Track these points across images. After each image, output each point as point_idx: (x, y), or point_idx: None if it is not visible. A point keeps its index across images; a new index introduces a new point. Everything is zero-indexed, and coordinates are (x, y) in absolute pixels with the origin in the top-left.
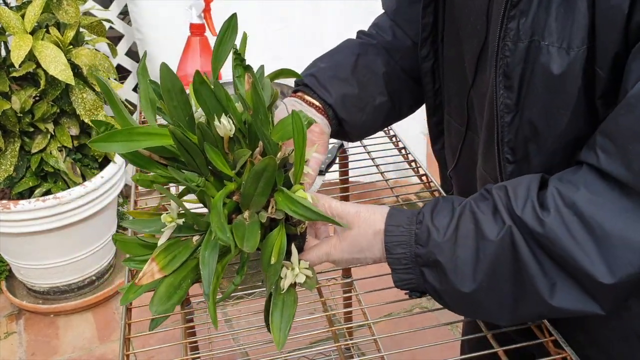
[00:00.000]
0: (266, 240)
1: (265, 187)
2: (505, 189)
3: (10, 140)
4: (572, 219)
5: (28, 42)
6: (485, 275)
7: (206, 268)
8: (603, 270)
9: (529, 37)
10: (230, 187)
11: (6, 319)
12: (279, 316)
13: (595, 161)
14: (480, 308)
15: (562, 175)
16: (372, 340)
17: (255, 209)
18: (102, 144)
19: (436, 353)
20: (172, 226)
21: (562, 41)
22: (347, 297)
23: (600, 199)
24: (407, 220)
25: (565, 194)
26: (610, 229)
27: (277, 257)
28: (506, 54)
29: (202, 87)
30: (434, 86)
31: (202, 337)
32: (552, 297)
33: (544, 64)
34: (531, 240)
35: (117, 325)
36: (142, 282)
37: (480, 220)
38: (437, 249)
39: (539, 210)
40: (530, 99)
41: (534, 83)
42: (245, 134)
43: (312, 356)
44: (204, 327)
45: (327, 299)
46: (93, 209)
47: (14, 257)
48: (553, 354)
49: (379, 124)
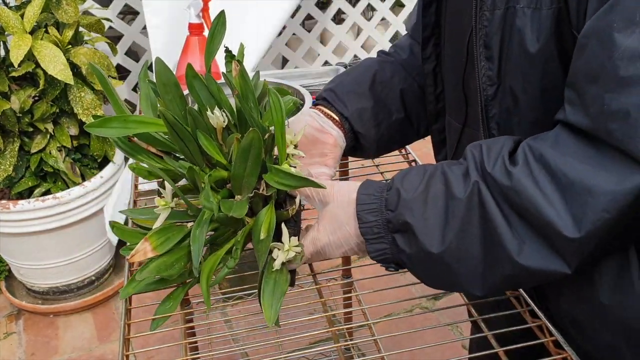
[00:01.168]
0: (257, 219)
1: (254, 166)
2: (480, 146)
3: (10, 140)
4: (539, 171)
5: (27, 41)
6: (454, 235)
7: (196, 243)
8: (569, 222)
9: (505, 4)
10: (221, 173)
11: (6, 319)
12: (270, 293)
13: (563, 115)
14: (452, 274)
15: (535, 135)
16: (372, 340)
17: (247, 193)
18: (97, 128)
19: (436, 353)
20: (166, 209)
21: (536, 2)
22: (347, 297)
23: (567, 150)
24: (379, 189)
25: (535, 148)
26: (573, 177)
27: (266, 232)
28: (484, 23)
29: (195, 81)
30: (435, 89)
31: (202, 338)
32: (520, 254)
33: (520, 28)
34: (499, 196)
35: (117, 325)
36: (134, 260)
37: (450, 179)
38: (405, 209)
39: (507, 164)
40: (509, 67)
41: (512, 50)
42: (237, 125)
43: (312, 356)
44: (203, 328)
45: (327, 299)
46: (92, 209)
47: (14, 257)
48: (553, 354)
49: (397, 141)
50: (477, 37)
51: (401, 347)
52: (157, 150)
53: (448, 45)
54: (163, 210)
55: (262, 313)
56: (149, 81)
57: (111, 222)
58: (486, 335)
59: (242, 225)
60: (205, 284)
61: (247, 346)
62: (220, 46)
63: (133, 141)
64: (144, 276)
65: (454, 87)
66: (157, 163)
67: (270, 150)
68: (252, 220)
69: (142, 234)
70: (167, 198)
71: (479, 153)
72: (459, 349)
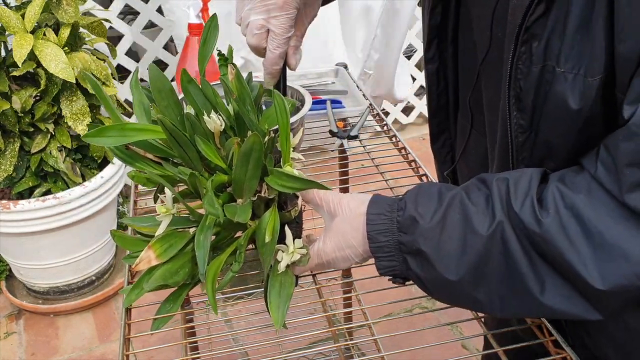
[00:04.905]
0: (260, 222)
1: (255, 170)
2: (507, 182)
3: (10, 140)
4: (570, 221)
5: (29, 41)
6: (468, 269)
7: (200, 249)
8: (595, 276)
9: (542, 62)
10: (222, 177)
11: (6, 319)
12: (276, 296)
13: (594, 171)
14: (468, 300)
15: (563, 174)
16: (372, 340)
17: (249, 196)
18: (95, 138)
19: (436, 353)
20: (168, 216)
21: (579, 68)
22: (347, 297)
23: (599, 204)
24: (389, 207)
25: (567, 195)
26: (609, 237)
27: (270, 236)
28: (519, 76)
29: (190, 86)
30: (438, 87)
31: (202, 338)
32: (543, 294)
33: (560, 91)
34: (524, 238)
35: (117, 325)
36: (138, 268)
37: (470, 212)
38: (420, 237)
39: (537, 209)
40: (545, 123)
41: (548, 109)
42: (235, 128)
43: (312, 356)
44: (204, 327)
45: (327, 299)
46: (93, 209)
47: (14, 257)
48: (553, 354)
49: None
50: (510, 87)
51: (401, 347)
52: (155, 156)
53: (463, 49)
54: (165, 217)
55: (262, 313)
56: (143, 88)
57: (112, 231)
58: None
59: (245, 228)
60: (210, 289)
61: (247, 346)
62: (213, 49)
63: (131, 149)
64: (151, 285)
65: (465, 94)
66: (156, 169)
67: (270, 152)
68: (254, 223)
69: (144, 242)
70: (168, 204)
71: (505, 189)
72: (459, 348)
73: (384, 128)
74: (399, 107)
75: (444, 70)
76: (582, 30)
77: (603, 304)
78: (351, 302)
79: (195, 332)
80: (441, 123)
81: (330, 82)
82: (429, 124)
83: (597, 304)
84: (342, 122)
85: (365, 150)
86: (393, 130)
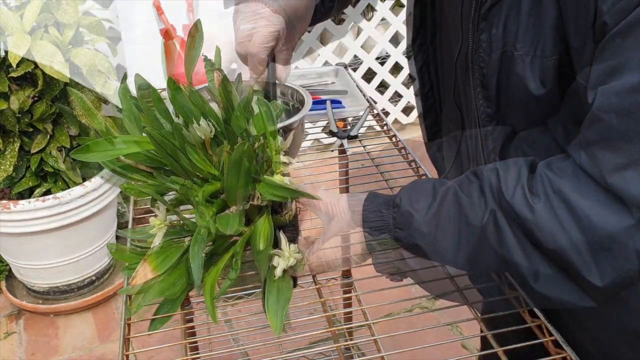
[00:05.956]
0: (254, 230)
1: (246, 178)
2: (496, 172)
3: (10, 140)
4: (560, 206)
5: (26, 42)
6: (466, 259)
7: (195, 261)
8: (588, 260)
9: (501, 48)
10: (215, 185)
11: (6, 319)
12: (274, 302)
13: (578, 158)
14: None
15: (550, 162)
16: (372, 340)
17: (241, 203)
18: (85, 154)
19: (436, 353)
20: (162, 229)
21: (535, 50)
22: (347, 297)
23: (585, 188)
24: (385, 205)
25: (554, 181)
26: (597, 221)
27: (264, 243)
28: (481, 64)
29: (176, 93)
30: (424, 88)
31: (202, 338)
32: (537, 283)
33: (520, 75)
34: (516, 227)
35: (117, 325)
36: (135, 283)
37: (464, 203)
38: (416, 232)
39: (529, 195)
40: (510, 109)
41: (512, 93)
42: (225, 134)
43: (312, 356)
44: (203, 328)
45: (327, 299)
46: (93, 209)
47: (14, 257)
48: (553, 354)
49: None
50: (473, 76)
51: (401, 347)
52: (147, 166)
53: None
54: (159, 230)
55: (262, 313)
56: (130, 97)
57: (109, 245)
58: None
59: (240, 233)
60: (209, 299)
61: (247, 346)
62: (199, 54)
63: (122, 160)
64: (148, 299)
65: (448, 93)
66: (149, 180)
67: (261, 157)
68: (249, 228)
69: (141, 255)
70: (161, 217)
71: (495, 179)
72: (459, 348)
73: (384, 128)
74: (399, 107)
75: (428, 70)
76: (535, 12)
77: (598, 292)
78: (351, 302)
79: (195, 332)
80: (434, 125)
81: (330, 82)
82: (422, 128)
83: (591, 291)
84: (342, 122)
85: (365, 150)
86: (393, 130)
